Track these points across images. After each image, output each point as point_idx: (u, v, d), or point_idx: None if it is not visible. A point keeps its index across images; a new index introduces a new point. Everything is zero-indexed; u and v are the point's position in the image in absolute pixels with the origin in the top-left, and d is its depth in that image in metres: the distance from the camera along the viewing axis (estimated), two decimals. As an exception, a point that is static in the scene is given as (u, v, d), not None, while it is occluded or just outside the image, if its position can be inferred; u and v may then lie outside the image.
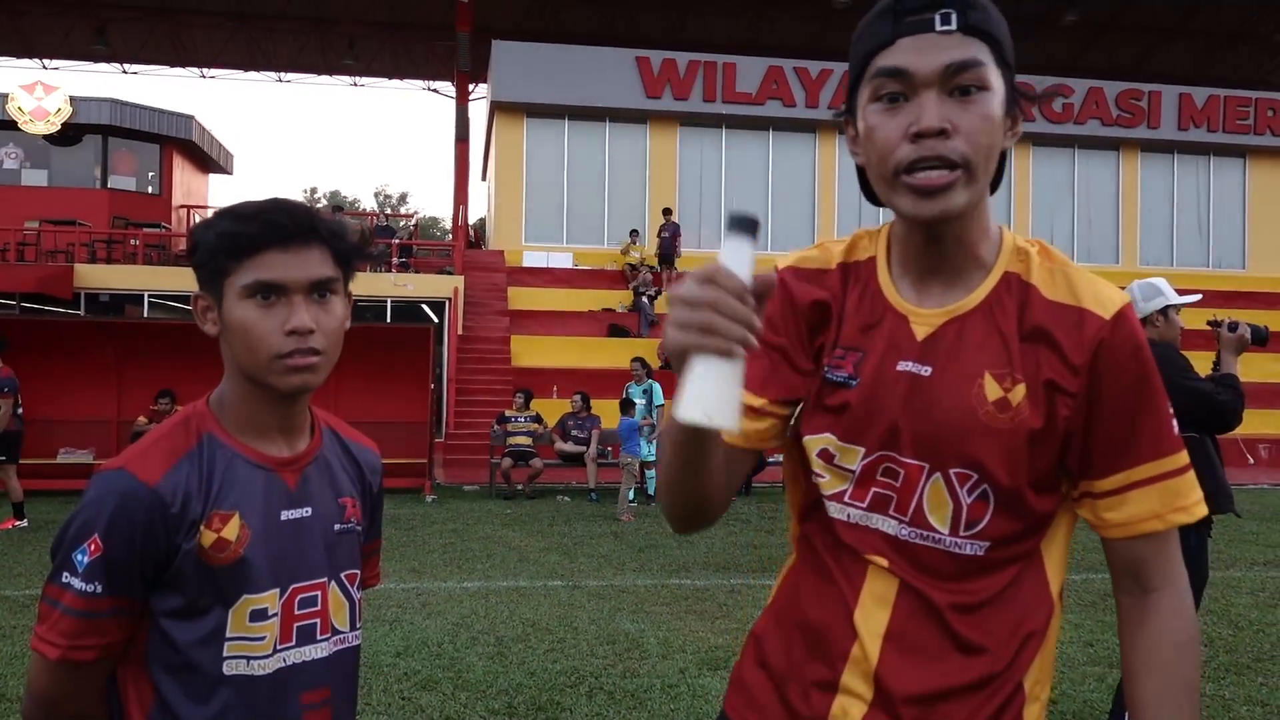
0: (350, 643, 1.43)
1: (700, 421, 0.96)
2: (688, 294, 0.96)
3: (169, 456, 1.31)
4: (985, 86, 1.12)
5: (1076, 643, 5.52)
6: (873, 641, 1.19)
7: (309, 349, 1.31)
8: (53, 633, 1.26)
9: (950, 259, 1.21)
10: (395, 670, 4.82)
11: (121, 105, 22.88)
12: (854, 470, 1.23)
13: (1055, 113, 23.03)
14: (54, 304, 18.03)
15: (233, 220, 1.31)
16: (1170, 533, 1.20)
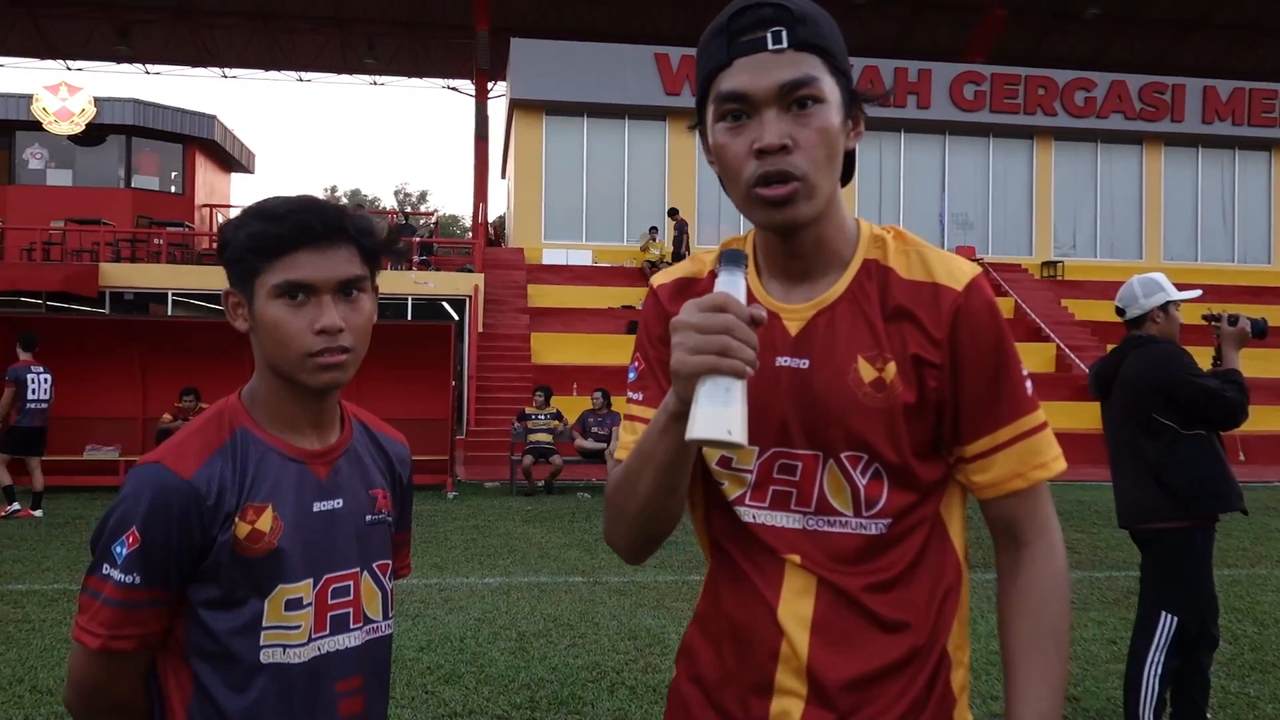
0: (383, 632, 1.46)
1: (722, 438, 1.03)
2: (701, 321, 1.05)
3: (203, 450, 1.33)
4: (821, 99, 1.17)
5: (1099, 640, 5.50)
6: (800, 636, 1.22)
7: (338, 347, 1.33)
8: (93, 623, 1.29)
9: (810, 258, 1.27)
10: (418, 664, 4.85)
11: (144, 106, 23.10)
12: (751, 470, 1.26)
13: (1078, 106, 22.88)
14: (79, 302, 18.23)
15: (263, 220, 1.32)
16: (1037, 488, 1.27)
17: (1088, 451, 16.21)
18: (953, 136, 23.24)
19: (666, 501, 1.24)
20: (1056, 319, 20.15)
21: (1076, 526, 9.72)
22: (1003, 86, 22.71)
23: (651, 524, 1.27)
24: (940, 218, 23.19)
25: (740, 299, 1.07)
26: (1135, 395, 3.77)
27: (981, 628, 5.78)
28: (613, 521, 1.30)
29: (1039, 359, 19.03)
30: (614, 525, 1.30)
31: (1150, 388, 3.72)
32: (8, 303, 17.99)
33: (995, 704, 4.46)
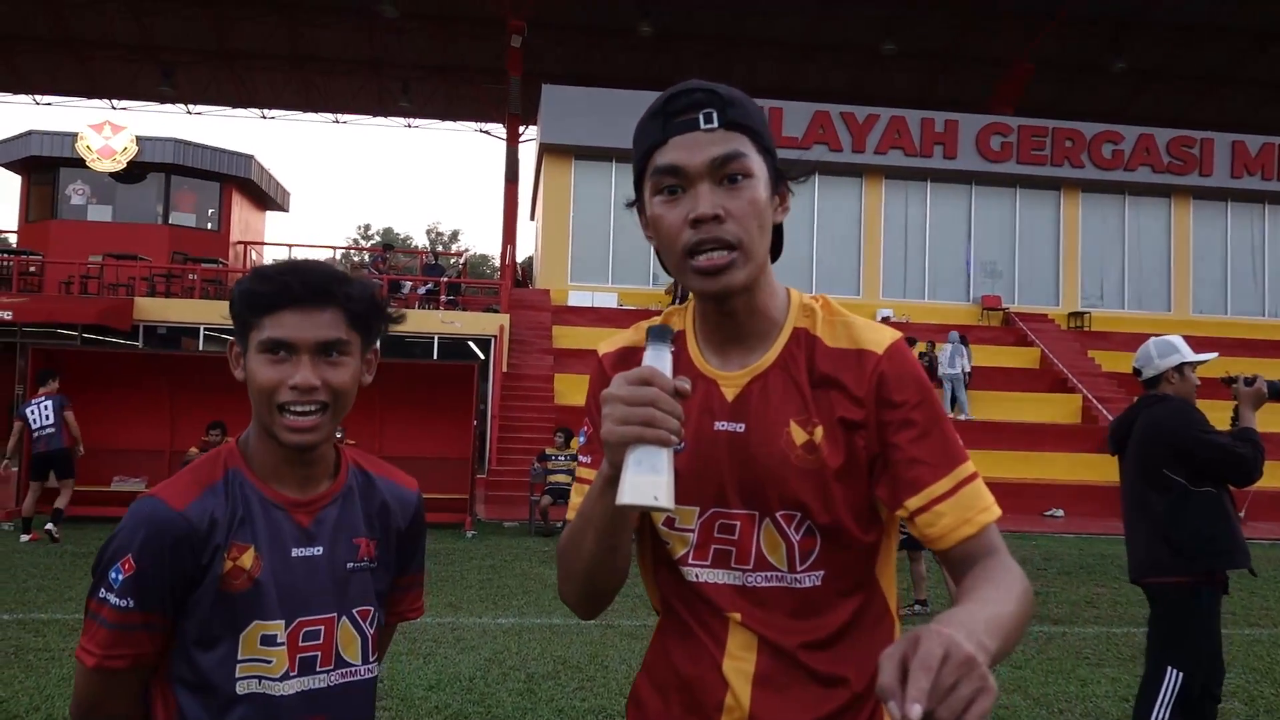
0: (361, 675, 1.51)
1: (648, 504, 1.11)
2: (628, 394, 1.13)
3: (197, 486, 1.43)
4: (749, 174, 1.26)
5: (1112, 697, 5.44)
6: (743, 688, 1.29)
7: (310, 404, 1.41)
8: (91, 643, 1.40)
9: (744, 325, 1.34)
10: (426, 704, 4.89)
11: (184, 145, 23.67)
12: (693, 530, 1.33)
13: (1105, 159, 22.91)
14: (113, 335, 18.59)
15: (255, 280, 1.43)
16: (986, 531, 1.29)
17: (1111, 505, 16.01)
18: (979, 187, 23.32)
19: (608, 559, 1.31)
20: (1082, 370, 20.02)
21: (1098, 580, 9.62)
22: (1030, 138, 22.80)
23: (597, 580, 1.34)
24: (966, 267, 23.20)
25: (666, 373, 1.15)
26: (1147, 450, 3.84)
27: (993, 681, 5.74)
28: (563, 579, 1.38)
29: (1064, 410, 18.89)
30: (564, 583, 1.38)
31: (1161, 443, 3.80)
32: (44, 334, 18.38)
33: (1001, 759, 4.43)
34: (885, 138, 22.41)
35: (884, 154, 22.43)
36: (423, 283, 21.70)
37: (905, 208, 23.15)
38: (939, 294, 23.07)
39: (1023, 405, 18.70)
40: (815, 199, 22.69)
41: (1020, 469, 16.90)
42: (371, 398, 12.50)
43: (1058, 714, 5.11)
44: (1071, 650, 6.57)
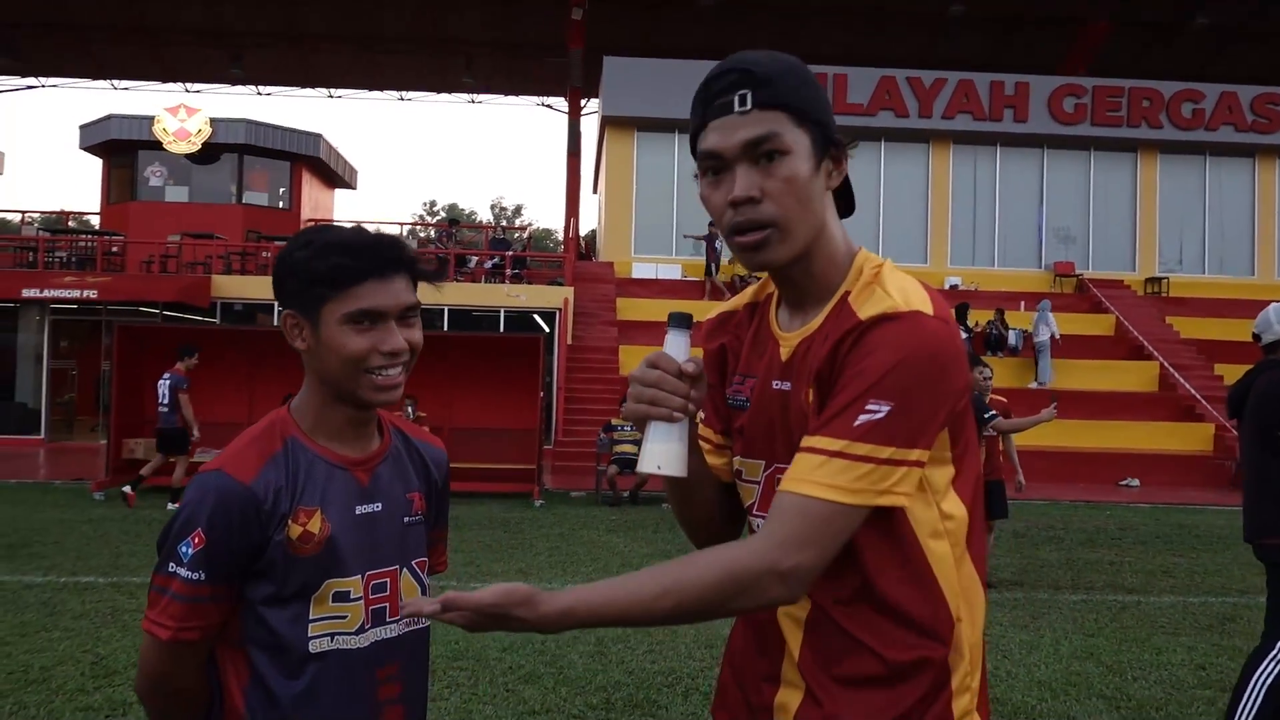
0: (421, 624, 1.59)
1: (654, 472, 1.30)
2: (640, 375, 1.31)
3: (260, 458, 1.47)
4: (785, 151, 1.28)
5: (1188, 665, 5.36)
6: (794, 636, 1.35)
7: (399, 366, 1.49)
8: (163, 616, 1.42)
9: (802, 291, 1.39)
10: (501, 664, 5.03)
11: (256, 125, 24.19)
12: (758, 482, 1.41)
13: (1185, 119, 22.13)
14: (193, 312, 19.16)
15: (341, 252, 1.45)
16: (787, 497, 1.24)
17: (1190, 474, 15.70)
18: (1051, 150, 22.70)
19: (690, 512, 1.51)
20: (1160, 337, 19.47)
21: (1174, 550, 9.42)
22: (1105, 99, 22.10)
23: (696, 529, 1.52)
24: (1038, 233, 22.65)
25: (679, 356, 1.30)
26: (1263, 414, 3.90)
27: (1064, 648, 5.70)
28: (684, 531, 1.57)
29: (1140, 378, 18.42)
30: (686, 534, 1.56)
31: (1274, 405, 3.84)
32: (127, 313, 19.03)
33: (1073, 724, 4.41)
34: (953, 102, 21.93)
35: (951, 119, 21.94)
36: (488, 257, 21.93)
37: (974, 173, 22.66)
38: (1009, 261, 22.58)
39: (1097, 373, 18.28)
40: (881, 166, 22.34)
41: (1094, 438, 16.57)
42: (440, 371, 12.72)
43: (1131, 681, 5.05)
44: (1146, 619, 6.47)
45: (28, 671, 4.76)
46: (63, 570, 7.18)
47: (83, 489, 11.83)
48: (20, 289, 18.02)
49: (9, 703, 4.31)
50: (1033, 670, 5.20)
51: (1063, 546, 9.48)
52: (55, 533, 8.78)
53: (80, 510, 10.28)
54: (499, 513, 10.82)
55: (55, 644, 5.23)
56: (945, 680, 1.31)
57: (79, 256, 21.25)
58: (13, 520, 9.43)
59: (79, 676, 4.69)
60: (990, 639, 5.83)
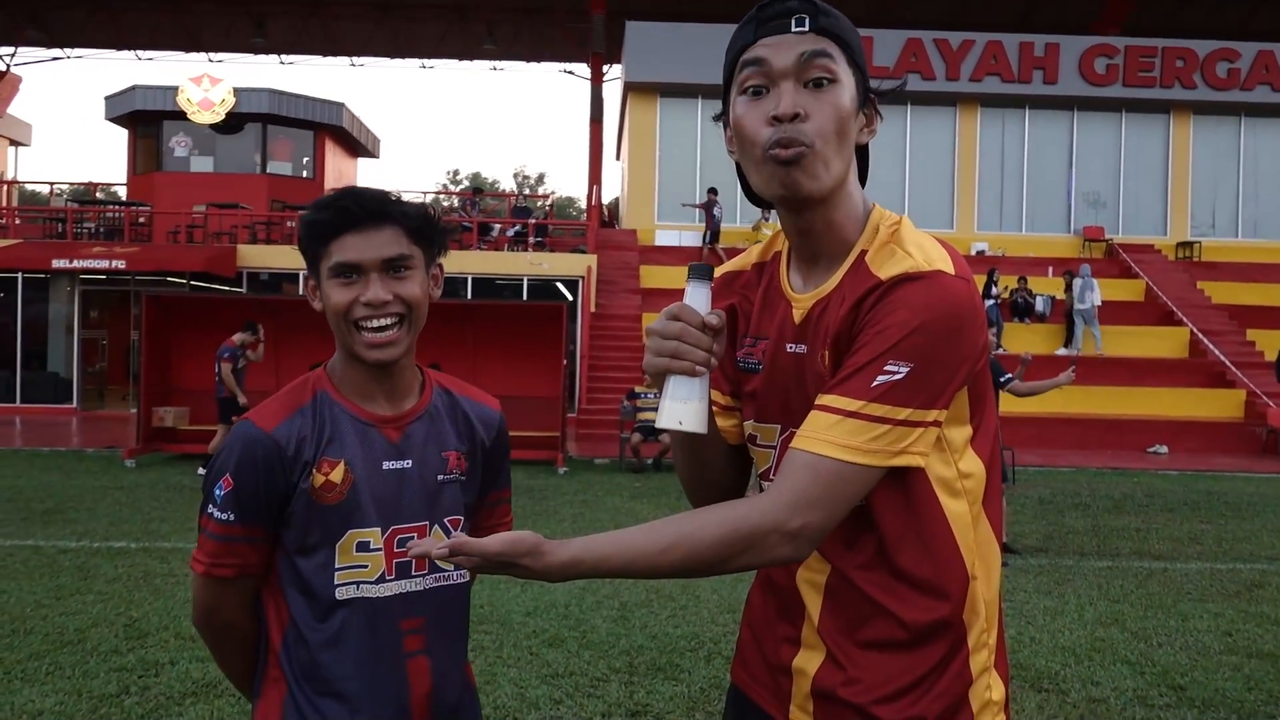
0: (454, 580, 1.62)
1: (676, 429, 1.24)
2: (660, 328, 1.25)
3: (286, 409, 1.54)
4: (835, 79, 1.26)
5: (1214, 632, 5.33)
6: (814, 601, 1.35)
7: (385, 316, 1.49)
8: (200, 553, 1.54)
9: (819, 245, 1.34)
10: (525, 628, 5.08)
11: (279, 95, 24.18)
12: (774, 447, 1.39)
13: (1220, 78, 21.65)
14: (220, 282, 19.31)
15: (314, 210, 1.52)
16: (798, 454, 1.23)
17: (1220, 441, 15.55)
18: (1082, 112, 22.30)
19: (701, 474, 1.47)
20: (1191, 302, 19.20)
21: (1202, 517, 9.35)
22: (1137, 59, 21.65)
23: (705, 493, 1.48)
24: (1067, 197, 22.33)
25: (701, 308, 1.24)
26: None
27: (1089, 614, 5.68)
28: (685, 493, 1.53)
29: (1171, 344, 18.19)
30: (687, 496, 1.52)
31: None
32: (155, 282, 19.20)
33: (1095, 688, 4.41)
34: (981, 64, 21.56)
35: (979, 81, 21.58)
36: (511, 225, 21.91)
37: (1002, 136, 22.32)
38: (1037, 226, 22.29)
39: (1126, 339, 18.07)
40: (907, 130, 22.05)
41: (1123, 404, 16.41)
42: (464, 339, 12.78)
43: (1156, 647, 5.03)
44: (1173, 586, 6.43)
45: (63, 633, 4.86)
46: (96, 535, 7.31)
47: (114, 456, 12.02)
48: (50, 260, 18.21)
49: (46, 663, 4.41)
50: (1056, 636, 5.19)
51: (1089, 513, 9.43)
52: (89, 499, 8.94)
53: (112, 477, 10.45)
54: (523, 480, 10.88)
55: (89, 607, 5.34)
56: (962, 639, 1.31)
57: (107, 227, 21.42)
58: (48, 487, 9.60)
59: (113, 638, 4.79)
60: (1014, 605, 5.82)
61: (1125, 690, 4.38)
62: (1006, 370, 7.12)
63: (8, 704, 3.93)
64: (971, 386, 1.29)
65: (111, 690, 4.11)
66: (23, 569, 6.19)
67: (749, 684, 1.46)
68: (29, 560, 6.43)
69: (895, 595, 1.29)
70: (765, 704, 1.42)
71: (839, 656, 1.31)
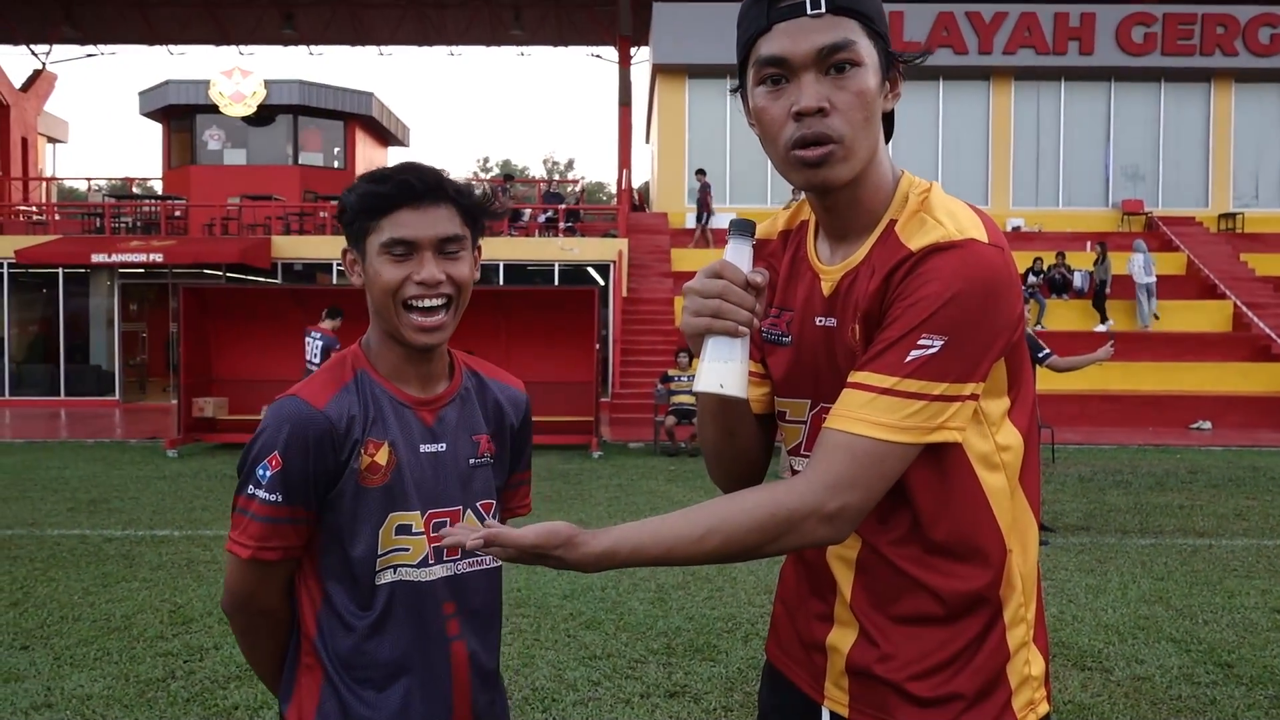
0: (487, 564, 1.60)
1: (716, 392, 1.18)
2: (700, 286, 1.18)
3: (333, 386, 1.50)
4: (858, 62, 1.20)
5: (1262, 608, 5.23)
6: (845, 578, 1.32)
7: (436, 297, 1.46)
8: (244, 536, 1.46)
9: (845, 220, 1.30)
10: (562, 611, 5.10)
11: (309, 86, 24.33)
12: (804, 422, 1.35)
13: (1262, 45, 21.14)
14: (254, 273, 19.52)
15: (370, 182, 1.46)
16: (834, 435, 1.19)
17: (1264, 415, 15.25)
18: (1119, 83, 21.88)
19: (726, 444, 1.41)
20: (1234, 275, 18.82)
21: (1247, 493, 9.18)
22: (1176, 27, 21.18)
23: (727, 464, 1.43)
24: (1105, 170, 21.94)
25: (744, 266, 1.18)
26: None
27: (1133, 592, 5.60)
28: (706, 465, 1.47)
29: (1214, 318, 17.85)
30: (708, 467, 1.47)
31: None
32: (192, 275, 19.44)
33: (1140, 666, 4.34)
34: (1015, 36, 21.21)
35: (1013, 54, 21.24)
36: (541, 211, 21.92)
37: (1037, 110, 21.96)
38: (1074, 200, 21.94)
39: (1168, 314, 17.76)
40: (940, 105, 21.76)
41: (1165, 380, 16.14)
42: (496, 325, 12.82)
43: (1202, 625, 4.95)
44: (1218, 563, 6.32)
45: (110, 620, 4.95)
46: (140, 524, 7.43)
47: (156, 447, 12.21)
48: (90, 255, 18.50)
49: (93, 649, 4.49)
50: (1099, 614, 5.12)
51: (1131, 491, 9.29)
52: (132, 489, 9.09)
53: (155, 467, 10.62)
54: (558, 464, 10.92)
55: (135, 594, 5.43)
56: (999, 613, 1.28)
57: (144, 221, 21.72)
58: (93, 478, 9.78)
59: (158, 624, 4.87)
60: (1056, 583, 5.75)
61: (1170, 668, 4.31)
62: (1045, 345, 7.02)
63: (58, 688, 4.01)
64: (1009, 357, 1.25)
65: (158, 675, 4.18)
66: (70, 558, 6.31)
67: (783, 661, 1.45)
68: (76, 549, 6.55)
69: (930, 569, 1.26)
70: (800, 681, 1.40)
71: (872, 633, 1.29)
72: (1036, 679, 1.31)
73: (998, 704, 1.27)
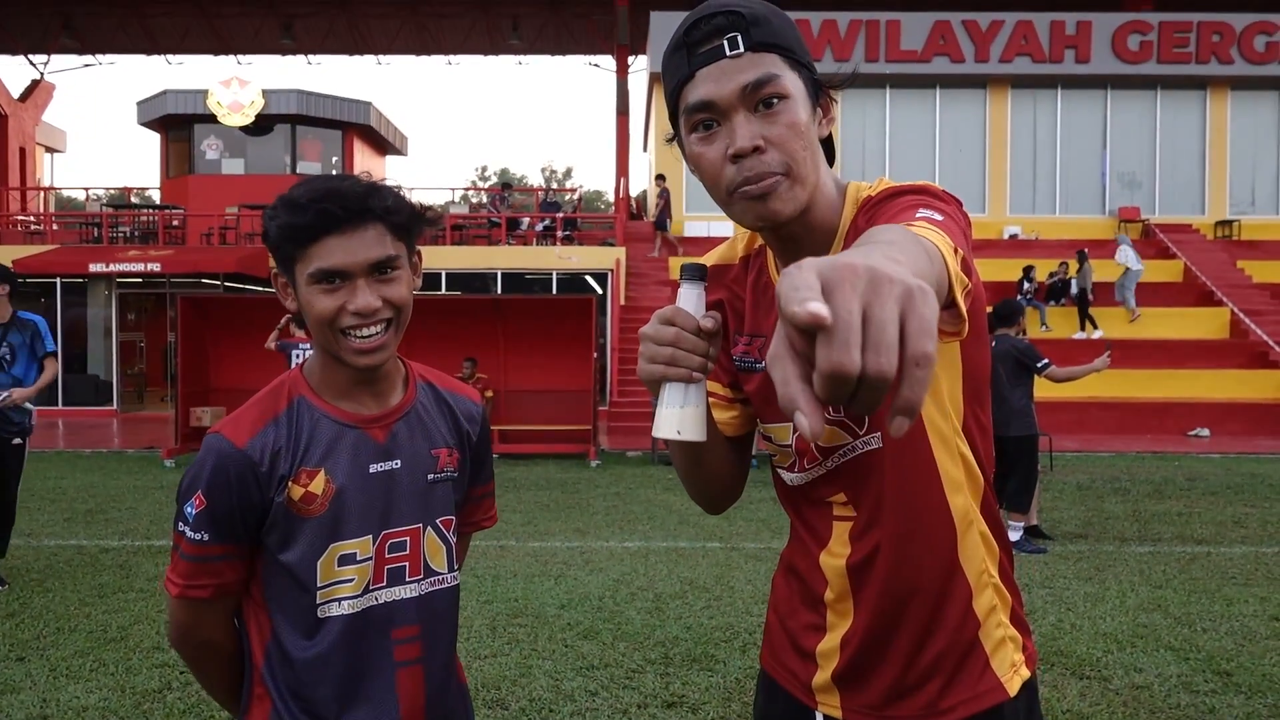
0: (447, 583, 1.55)
1: (673, 437, 1.18)
2: (653, 333, 1.17)
3: (259, 421, 1.44)
4: (785, 95, 1.19)
5: (1261, 616, 5.23)
6: (837, 580, 1.35)
7: (375, 322, 1.40)
8: (174, 573, 1.43)
9: (803, 246, 1.29)
10: (559, 621, 5.09)
11: (307, 95, 24.38)
12: (789, 445, 1.37)
13: (1258, 53, 21.20)
14: (253, 283, 19.52)
15: (289, 211, 1.36)
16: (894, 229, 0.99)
17: (1262, 422, 15.25)
18: (1115, 91, 21.93)
19: (698, 470, 1.42)
20: (1231, 282, 18.84)
21: (1246, 500, 9.18)
22: (1172, 35, 21.25)
23: (700, 486, 1.45)
24: (1101, 178, 21.98)
25: (695, 311, 1.18)
26: None
27: (1131, 600, 5.60)
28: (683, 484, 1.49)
29: (1210, 325, 17.87)
30: (684, 486, 1.49)
31: None
32: (190, 284, 19.44)
33: (1139, 675, 4.33)
34: (1011, 44, 21.27)
35: (1009, 62, 21.29)
36: (539, 219, 21.94)
37: (1034, 118, 22.01)
38: (1071, 208, 21.97)
39: (1165, 321, 17.77)
40: (937, 113, 21.80)
41: (1162, 387, 16.14)
42: (494, 333, 12.82)
43: (1201, 633, 4.94)
44: (1217, 570, 6.32)
45: (106, 630, 4.94)
46: (137, 534, 7.42)
47: (154, 457, 12.20)
48: (88, 264, 18.50)
49: (90, 660, 4.48)
50: (1098, 622, 5.12)
51: (1129, 498, 9.29)
52: (130, 499, 9.07)
53: (152, 477, 10.60)
54: (556, 473, 10.91)
55: (131, 604, 5.42)
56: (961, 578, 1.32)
57: (141, 231, 21.73)
58: (90, 488, 9.76)
59: (154, 635, 4.86)
60: (1053, 591, 5.74)
61: (1169, 676, 4.31)
62: (1044, 356, 7.03)
63: (54, 700, 3.99)
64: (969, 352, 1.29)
65: (154, 686, 4.17)
66: (66, 568, 6.29)
67: (777, 670, 1.46)
68: (72, 560, 6.54)
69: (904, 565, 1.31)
70: (794, 689, 1.42)
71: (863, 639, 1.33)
72: (1014, 640, 1.35)
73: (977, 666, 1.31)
